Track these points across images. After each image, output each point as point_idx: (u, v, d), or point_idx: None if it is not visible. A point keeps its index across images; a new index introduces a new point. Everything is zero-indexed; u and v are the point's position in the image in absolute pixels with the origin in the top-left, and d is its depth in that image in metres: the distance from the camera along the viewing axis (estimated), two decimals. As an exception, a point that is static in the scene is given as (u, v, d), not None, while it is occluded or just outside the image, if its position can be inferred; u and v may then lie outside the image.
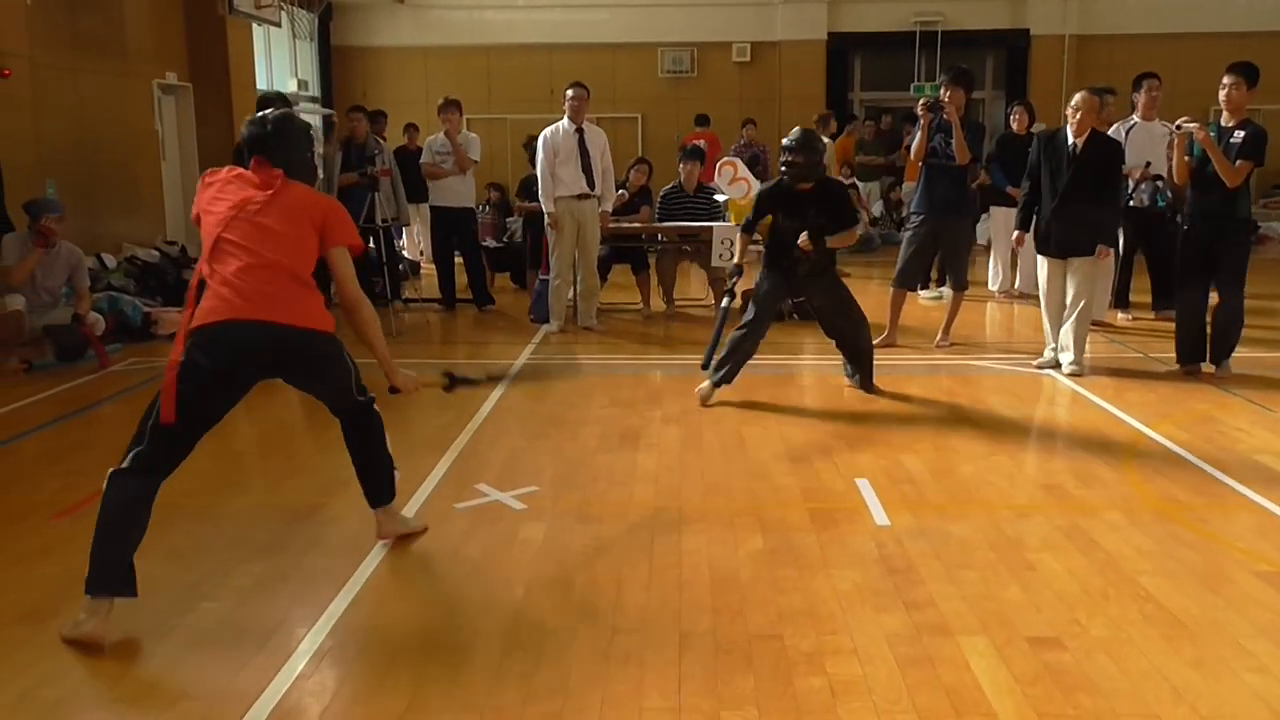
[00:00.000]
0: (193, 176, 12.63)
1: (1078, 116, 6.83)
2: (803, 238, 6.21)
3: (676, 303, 10.14)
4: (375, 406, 4.08)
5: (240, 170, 3.79)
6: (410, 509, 4.61)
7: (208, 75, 12.56)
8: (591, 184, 8.75)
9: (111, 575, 3.44)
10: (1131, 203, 8.71)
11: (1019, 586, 3.82)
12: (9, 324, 7.25)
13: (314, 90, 16.47)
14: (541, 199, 8.82)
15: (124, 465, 3.53)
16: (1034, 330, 8.82)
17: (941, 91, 7.91)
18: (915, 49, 16.47)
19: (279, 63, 15.37)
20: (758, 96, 16.57)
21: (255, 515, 4.58)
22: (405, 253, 11.96)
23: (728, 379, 6.40)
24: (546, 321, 9.02)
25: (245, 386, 3.72)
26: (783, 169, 6.39)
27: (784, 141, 6.38)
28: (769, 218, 6.45)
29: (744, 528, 4.41)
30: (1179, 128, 6.84)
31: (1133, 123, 8.87)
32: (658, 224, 9.86)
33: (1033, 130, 10.36)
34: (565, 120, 8.75)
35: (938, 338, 8.11)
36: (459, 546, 4.24)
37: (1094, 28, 16.43)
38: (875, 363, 6.72)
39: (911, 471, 5.14)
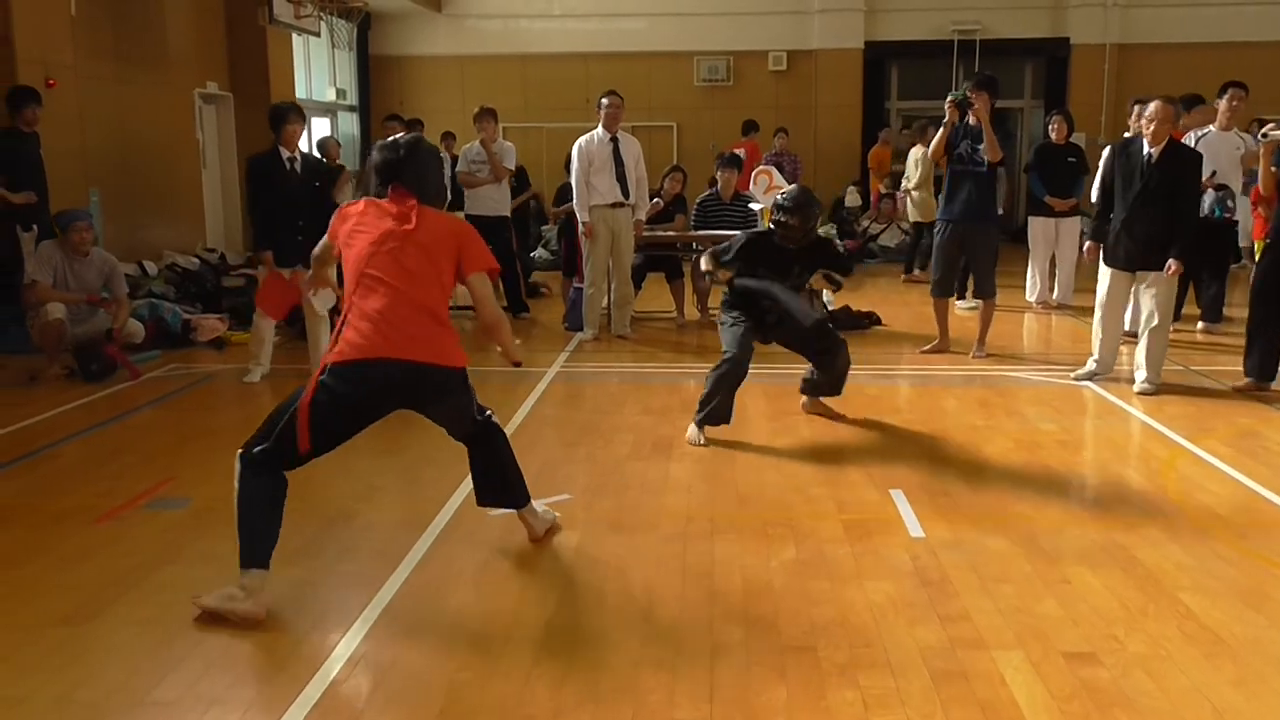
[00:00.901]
0: (233, 184, 12.80)
1: (1152, 127, 6.60)
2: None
3: (711, 311, 10.11)
4: (494, 418, 4.27)
5: (374, 200, 3.90)
6: (444, 515, 4.63)
7: (248, 84, 12.72)
8: (626, 192, 8.77)
9: (258, 550, 3.66)
10: None
11: (1055, 601, 3.77)
12: (50, 332, 7.36)
13: (352, 99, 16.63)
14: (576, 208, 8.85)
15: (252, 454, 3.68)
16: (1071, 341, 8.74)
17: (968, 90, 7.85)
18: (953, 58, 16.37)
19: (318, 72, 15.53)
20: (794, 105, 16.53)
21: (291, 521, 4.56)
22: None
23: (713, 419, 5.80)
24: (581, 329, 9.04)
25: (376, 417, 3.87)
26: (773, 227, 5.95)
27: (777, 199, 5.95)
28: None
29: (777, 538, 4.39)
30: (1265, 136, 6.66)
31: (1207, 131, 8.65)
32: (692, 232, 9.86)
33: (1071, 140, 10.28)
34: (600, 129, 8.77)
35: (974, 349, 8.04)
36: (492, 554, 4.25)
37: (1136, 36, 16.25)
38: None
39: (947, 483, 5.10)
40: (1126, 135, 8.63)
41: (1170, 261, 6.64)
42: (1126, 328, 8.56)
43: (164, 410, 6.74)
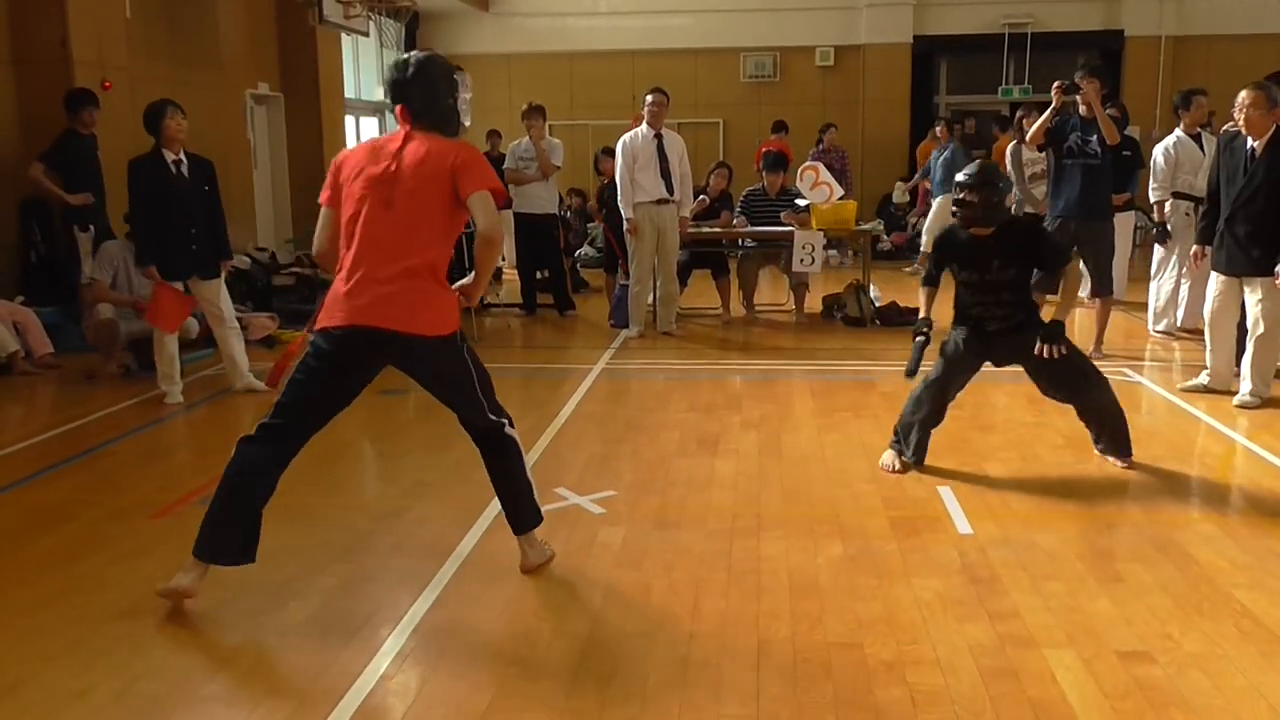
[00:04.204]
0: (283, 184, 12.97)
1: (1244, 115, 6.16)
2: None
3: (757, 308, 10.11)
4: (510, 430, 3.94)
5: (372, 142, 3.69)
6: (492, 511, 4.65)
7: (298, 84, 12.87)
8: (670, 189, 8.78)
9: (216, 543, 3.64)
10: None
11: (1108, 598, 3.72)
12: (104, 331, 7.49)
13: (400, 98, 16.75)
14: (620, 204, 8.87)
15: (251, 434, 3.68)
16: (1124, 337, 8.62)
17: (1078, 78, 7.66)
18: (1004, 51, 16.18)
19: (366, 71, 15.69)
20: (841, 100, 16.42)
21: (342, 516, 4.67)
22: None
23: (918, 456, 5.28)
24: (626, 326, 9.06)
25: (369, 376, 3.71)
26: (953, 211, 5.14)
27: (958, 177, 5.09)
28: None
29: (823, 534, 4.37)
30: None
31: None
32: (737, 228, 9.84)
33: (1126, 133, 10.11)
34: (644, 126, 8.78)
35: (1091, 349, 7.64)
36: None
37: (1191, 28, 15.95)
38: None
39: (995, 479, 5.06)
40: (1179, 131, 8.48)
41: (1278, 268, 6.09)
42: (1180, 324, 8.41)
43: (216, 407, 6.84)
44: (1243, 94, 6.24)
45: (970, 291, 5.16)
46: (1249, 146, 6.25)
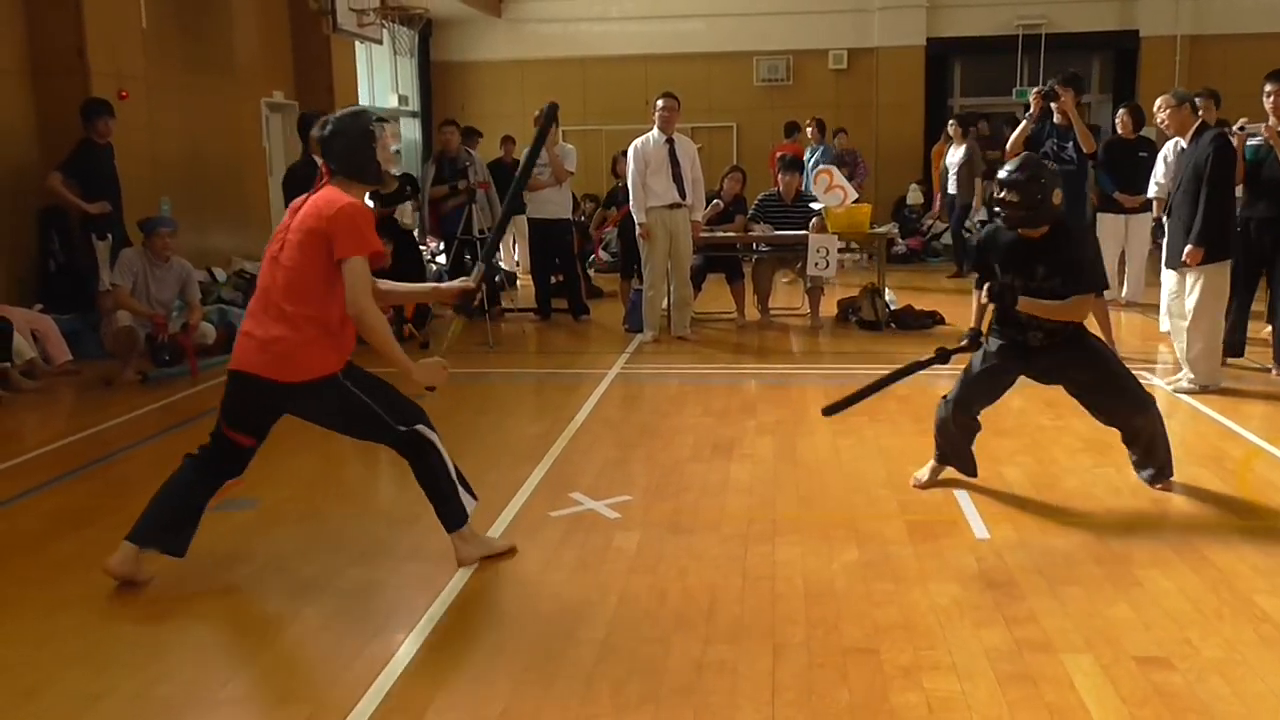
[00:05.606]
0: (298, 192, 13.01)
1: (1161, 121, 6.71)
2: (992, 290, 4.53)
3: (771, 312, 10.09)
4: (425, 434, 3.97)
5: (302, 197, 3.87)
6: (505, 516, 4.66)
7: (313, 93, 12.91)
8: (682, 193, 8.77)
9: (145, 531, 3.92)
10: None
11: (1126, 603, 3.70)
12: (122, 338, 7.54)
13: (414, 105, 16.83)
14: (633, 209, 8.88)
15: (194, 451, 4.02)
16: (1141, 340, 8.57)
17: (1055, 86, 7.79)
18: (1018, 53, 16.13)
19: (380, 79, 15.74)
20: (855, 104, 16.41)
21: (358, 521, 4.68)
22: (502, 264, 12.14)
23: (944, 461, 4.98)
24: (641, 331, 9.06)
25: (272, 416, 3.94)
26: (995, 211, 4.61)
27: (999, 174, 4.53)
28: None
29: (839, 539, 4.36)
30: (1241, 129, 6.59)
31: None
32: (751, 234, 9.82)
33: (1141, 134, 10.07)
34: (655, 131, 8.79)
35: None
36: (553, 554, 4.27)
37: (1207, 27, 15.86)
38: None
39: (1012, 483, 5.03)
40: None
41: (1187, 248, 6.38)
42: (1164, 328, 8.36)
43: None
44: (1157, 101, 6.76)
45: (1013, 297, 4.54)
46: (1180, 147, 6.70)
